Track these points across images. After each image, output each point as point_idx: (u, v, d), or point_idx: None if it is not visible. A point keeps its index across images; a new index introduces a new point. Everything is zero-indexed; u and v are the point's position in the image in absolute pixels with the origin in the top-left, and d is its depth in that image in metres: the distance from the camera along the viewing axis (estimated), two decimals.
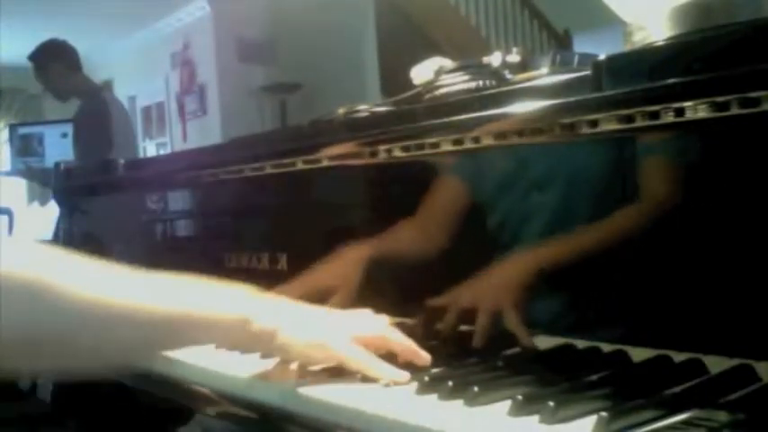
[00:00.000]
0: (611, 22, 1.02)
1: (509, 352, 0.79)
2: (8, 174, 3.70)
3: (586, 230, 0.75)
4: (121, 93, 7.15)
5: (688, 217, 0.65)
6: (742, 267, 0.62)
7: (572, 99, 0.72)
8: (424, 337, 0.82)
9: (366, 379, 0.73)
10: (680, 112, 0.63)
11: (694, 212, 0.65)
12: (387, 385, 0.72)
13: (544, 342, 0.77)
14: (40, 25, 4.38)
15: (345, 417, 0.68)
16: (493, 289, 0.82)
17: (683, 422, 0.54)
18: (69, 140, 3.44)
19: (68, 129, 3.50)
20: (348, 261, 0.98)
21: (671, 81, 0.63)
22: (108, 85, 7.20)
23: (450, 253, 0.88)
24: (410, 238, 0.93)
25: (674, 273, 0.67)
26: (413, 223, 0.92)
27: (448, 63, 1.01)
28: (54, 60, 3.25)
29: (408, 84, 1.05)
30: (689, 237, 0.65)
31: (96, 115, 3.17)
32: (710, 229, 0.64)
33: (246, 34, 5.67)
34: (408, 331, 0.79)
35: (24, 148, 3.68)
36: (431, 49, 1.83)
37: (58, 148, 3.57)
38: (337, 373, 0.76)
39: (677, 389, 0.60)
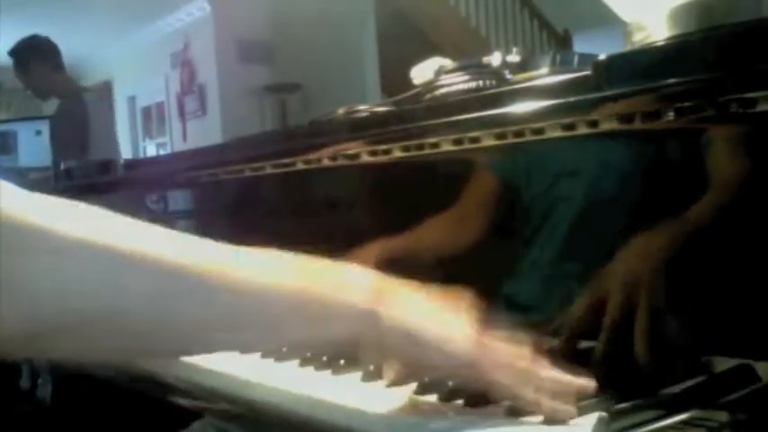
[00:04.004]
0: (611, 22, 1.02)
1: None
2: None
3: (587, 231, 0.75)
4: (121, 93, 7.18)
5: (687, 217, 0.65)
6: (742, 268, 0.62)
7: (572, 99, 0.72)
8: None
9: (514, 411, 0.59)
10: (680, 111, 0.63)
11: (693, 212, 0.65)
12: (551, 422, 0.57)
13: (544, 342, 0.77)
14: (39, 25, 4.37)
15: (345, 416, 0.68)
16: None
17: (683, 422, 0.54)
18: (43, 138, 3.36)
19: (43, 126, 3.40)
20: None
21: (671, 81, 0.63)
22: (107, 86, 7.20)
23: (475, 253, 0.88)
24: (433, 237, 0.88)
25: (673, 273, 0.67)
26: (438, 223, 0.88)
27: (448, 63, 1.01)
28: (36, 58, 3.17)
29: (408, 84, 1.05)
30: (688, 237, 0.65)
31: (74, 116, 3.12)
32: (709, 229, 0.64)
33: (246, 34, 5.68)
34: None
35: (1, 146, 3.56)
36: (431, 49, 1.83)
37: (32, 145, 3.47)
38: (478, 400, 0.62)
39: (677, 389, 0.60)
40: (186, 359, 0.92)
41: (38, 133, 3.47)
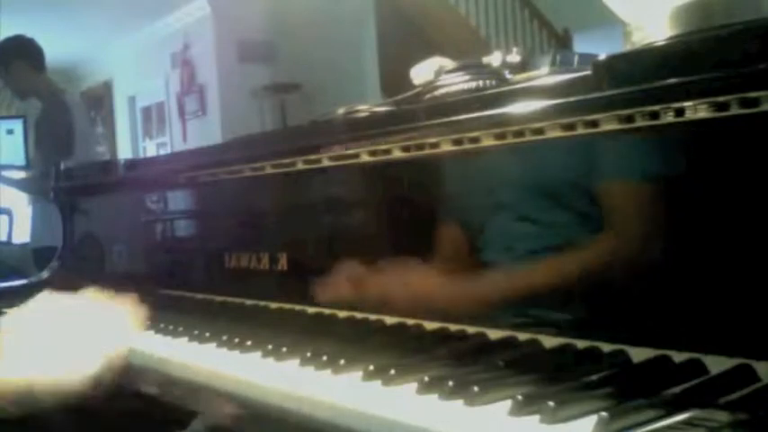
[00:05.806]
0: (611, 22, 1.02)
1: (509, 352, 0.79)
2: None
3: (585, 230, 0.75)
4: (121, 93, 7.17)
5: (688, 217, 0.65)
6: (742, 267, 0.62)
7: (572, 99, 0.72)
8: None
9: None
10: (680, 112, 0.63)
11: (694, 212, 0.65)
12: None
13: (544, 342, 0.77)
14: (39, 25, 4.38)
15: (345, 416, 0.68)
16: None
17: (683, 422, 0.54)
18: (17, 138, 3.31)
19: (15, 125, 3.36)
20: None
21: (671, 81, 0.63)
22: (107, 86, 7.20)
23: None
24: None
25: (674, 272, 0.67)
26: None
27: (448, 63, 1.01)
28: (18, 57, 3.16)
29: (408, 84, 1.05)
30: (689, 237, 0.65)
31: (60, 119, 3.12)
32: (710, 228, 0.64)
33: (246, 34, 5.67)
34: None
35: None
36: (431, 49, 1.83)
37: (4, 144, 3.42)
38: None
39: (677, 389, 0.60)
40: (185, 360, 0.92)
41: (9, 132, 3.42)
